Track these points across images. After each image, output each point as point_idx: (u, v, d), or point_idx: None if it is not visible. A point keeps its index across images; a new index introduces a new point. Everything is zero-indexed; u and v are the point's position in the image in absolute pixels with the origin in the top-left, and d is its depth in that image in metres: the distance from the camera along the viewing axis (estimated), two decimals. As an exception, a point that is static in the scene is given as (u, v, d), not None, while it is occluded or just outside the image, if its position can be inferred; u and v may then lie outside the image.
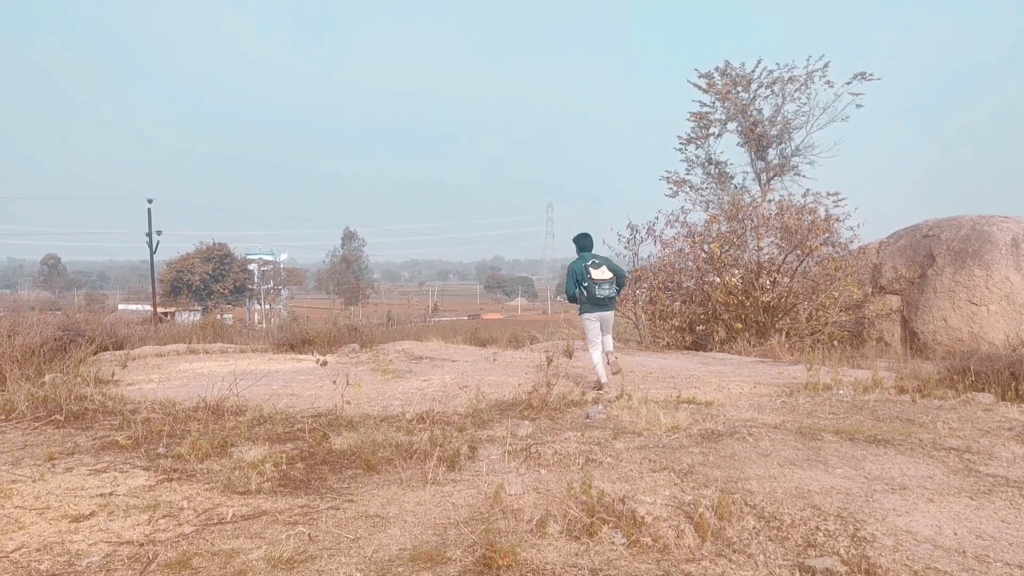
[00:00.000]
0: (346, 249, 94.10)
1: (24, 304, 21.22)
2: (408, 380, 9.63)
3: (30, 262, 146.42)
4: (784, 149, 21.06)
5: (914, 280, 14.53)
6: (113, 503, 4.47)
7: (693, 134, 21.61)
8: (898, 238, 15.61)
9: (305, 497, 4.63)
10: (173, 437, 6.09)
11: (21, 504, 4.45)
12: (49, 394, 7.58)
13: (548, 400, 7.38)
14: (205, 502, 4.51)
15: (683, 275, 16.19)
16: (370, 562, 3.59)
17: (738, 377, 9.73)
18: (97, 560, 3.62)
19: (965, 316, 13.54)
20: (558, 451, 5.57)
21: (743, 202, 17.69)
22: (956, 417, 6.81)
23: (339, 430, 6.39)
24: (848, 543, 3.78)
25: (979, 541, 3.86)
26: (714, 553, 3.66)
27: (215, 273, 67.85)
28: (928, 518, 4.18)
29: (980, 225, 14.14)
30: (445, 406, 7.61)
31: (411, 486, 4.83)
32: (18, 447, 5.90)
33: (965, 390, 7.90)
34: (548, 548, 3.72)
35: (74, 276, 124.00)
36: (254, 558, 3.62)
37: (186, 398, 7.79)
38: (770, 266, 15.20)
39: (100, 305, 41.39)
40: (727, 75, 20.83)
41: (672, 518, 4.02)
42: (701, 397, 7.94)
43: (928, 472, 5.09)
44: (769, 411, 7.25)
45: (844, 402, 7.65)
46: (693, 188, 21.61)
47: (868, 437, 6.00)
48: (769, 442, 5.84)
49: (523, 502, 4.42)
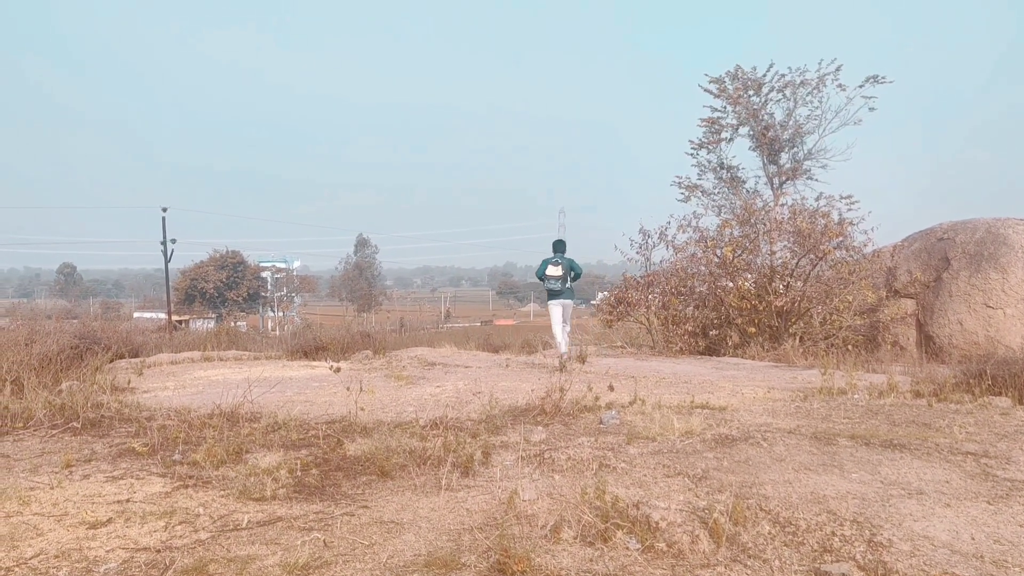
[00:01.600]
0: (359, 256, 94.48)
1: (41, 313, 21.47)
2: (421, 386, 9.64)
3: (47, 271, 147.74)
4: (796, 153, 20.96)
5: (929, 284, 14.44)
6: (130, 510, 4.50)
7: (704, 139, 21.56)
8: (912, 241, 15.51)
9: (320, 503, 4.65)
10: (189, 444, 6.12)
11: (39, 511, 4.49)
12: (66, 402, 7.65)
13: (561, 406, 7.38)
14: (221, 508, 4.53)
15: (696, 280, 16.13)
16: (385, 568, 3.60)
17: (752, 382, 9.69)
18: (115, 566, 3.64)
19: (981, 319, 13.44)
20: (572, 456, 5.57)
21: (755, 206, 17.62)
22: (973, 421, 6.76)
23: (353, 436, 6.41)
24: (864, 548, 3.76)
25: (997, 546, 3.83)
26: (729, 559, 3.65)
27: (229, 281, 68.25)
28: (945, 523, 4.15)
29: (996, 228, 14.03)
30: (458, 412, 7.62)
31: (425, 492, 4.84)
32: (36, 454, 5.95)
33: (982, 394, 7.84)
34: (562, 554, 3.72)
35: (90, 284, 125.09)
36: (270, 564, 3.64)
37: (201, 405, 7.83)
38: (783, 270, 15.14)
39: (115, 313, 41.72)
40: (738, 79, 20.78)
41: (687, 523, 4.02)
42: (715, 402, 7.92)
43: (945, 477, 5.05)
44: (783, 416, 7.22)
45: (859, 406, 7.61)
46: (705, 193, 21.54)
47: (884, 441, 5.96)
48: (784, 447, 5.82)
49: (537, 508, 4.42)
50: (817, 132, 20.64)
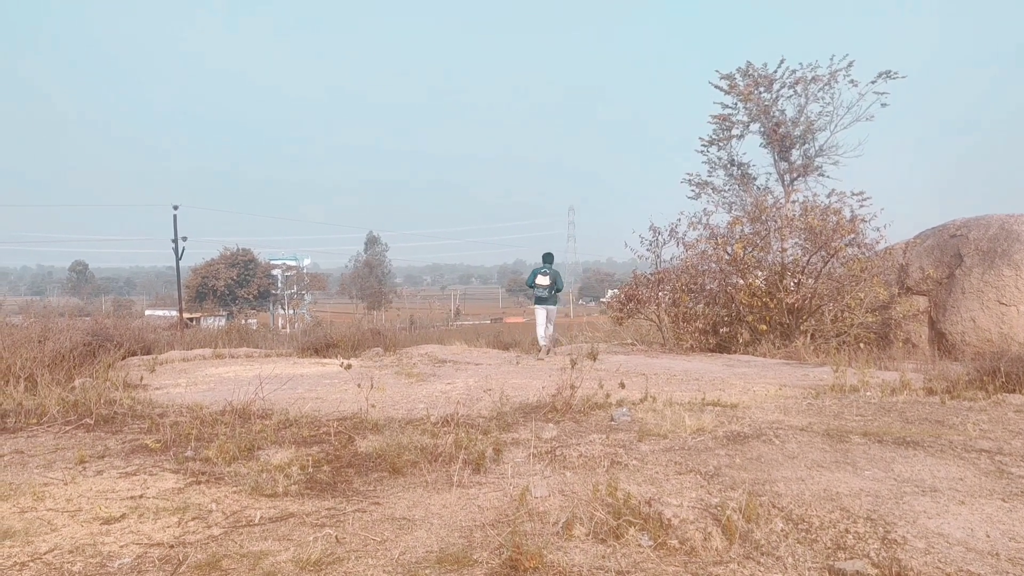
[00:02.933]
0: (369, 254, 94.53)
1: (54, 310, 21.60)
2: (432, 383, 9.66)
3: (59, 268, 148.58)
4: (808, 149, 20.81)
5: (941, 280, 14.34)
6: (143, 505, 4.53)
7: (715, 135, 21.46)
8: (925, 238, 15.42)
9: (332, 500, 4.66)
10: (201, 440, 6.15)
11: (53, 506, 4.52)
12: (79, 398, 7.70)
13: (572, 403, 7.37)
14: (233, 504, 4.55)
15: (706, 277, 16.06)
16: (397, 564, 3.61)
17: (763, 379, 9.66)
18: (129, 562, 3.66)
19: (994, 316, 13.34)
20: (583, 453, 5.56)
21: (766, 203, 17.53)
22: (987, 419, 6.71)
23: (364, 433, 6.43)
24: (878, 545, 3.74)
25: (1012, 544, 3.80)
26: (742, 556, 3.64)
27: (239, 279, 68.45)
28: (960, 520, 4.12)
29: (1009, 224, 13.93)
30: (469, 409, 7.62)
31: (436, 489, 4.84)
32: (50, 450, 5.99)
33: (995, 391, 7.78)
34: (575, 550, 3.71)
35: (102, 282, 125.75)
36: (282, 560, 3.65)
37: (213, 402, 7.87)
38: (794, 267, 15.06)
39: (127, 311, 41.93)
40: (749, 76, 20.66)
41: (699, 520, 4.01)
42: (726, 399, 7.89)
43: (959, 474, 5.02)
44: (795, 413, 7.19)
45: (871, 404, 7.57)
46: (715, 190, 21.44)
47: (897, 439, 5.93)
48: (796, 444, 5.79)
49: (549, 504, 4.42)
50: (829, 128, 20.49)
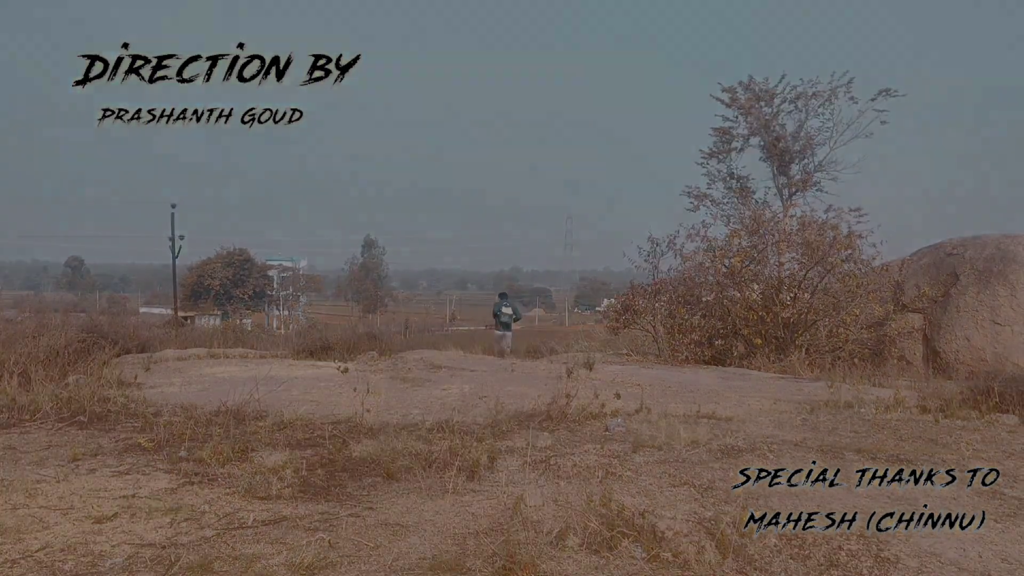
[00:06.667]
0: (366, 257, 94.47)
1: (48, 306, 21.54)
2: (427, 389, 9.65)
3: (54, 264, 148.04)
4: (807, 164, 20.95)
5: (937, 299, 14.39)
6: (136, 505, 4.52)
7: (715, 148, 21.57)
8: (921, 256, 15.48)
9: (325, 504, 4.66)
10: (195, 441, 6.13)
11: (45, 504, 4.50)
12: (73, 395, 7.67)
13: (567, 412, 7.37)
14: (226, 506, 4.54)
15: (703, 289, 16.10)
16: (390, 570, 3.60)
17: (758, 393, 9.66)
18: (120, 561, 3.65)
19: (989, 336, 13.39)
20: (578, 463, 5.56)
21: (764, 217, 17.60)
22: (980, 438, 6.73)
23: (359, 437, 6.42)
24: (871, 563, 3.74)
25: (1004, 564, 3.81)
26: (735, 570, 3.64)
27: (235, 278, 68.29)
28: (953, 540, 4.12)
29: (1005, 244, 13.99)
30: (464, 416, 7.61)
31: (431, 495, 4.83)
32: (42, 447, 5.97)
33: (989, 411, 7.79)
34: (568, 561, 3.71)
35: (97, 278, 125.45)
36: (275, 563, 3.64)
37: (207, 402, 7.85)
38: (791, 282, 15.10)
39: (122, 308, 41.82)
40: (750, 90, 20.79)
41: (693, 533, 4.01)
42: (721, 412, 7.90)
43: (952, 494, 5.03)
44: (790, 428, 7.20)
45: (866, 420, 7.58)
46: (714, 202, 21.56)
47: (890, 456, 5.94)
48: (790, 459, 5.80)
49: (543, 514, 4.42)
50: (828, 144, 20.64)
